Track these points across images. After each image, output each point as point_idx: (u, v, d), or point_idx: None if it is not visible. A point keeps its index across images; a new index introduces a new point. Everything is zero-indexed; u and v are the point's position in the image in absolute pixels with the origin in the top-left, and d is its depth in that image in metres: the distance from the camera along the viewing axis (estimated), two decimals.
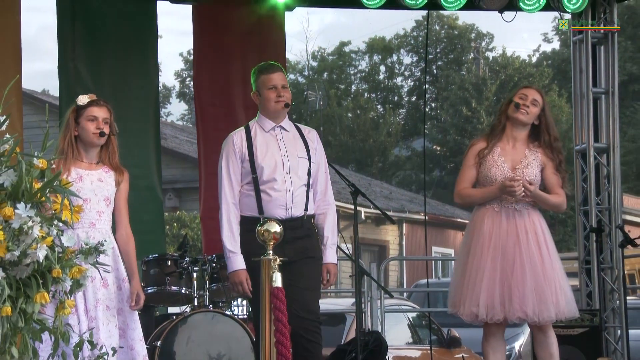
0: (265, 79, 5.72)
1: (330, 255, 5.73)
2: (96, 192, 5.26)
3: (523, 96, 5.71)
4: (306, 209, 5.66)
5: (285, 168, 5.62)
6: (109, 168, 5.36)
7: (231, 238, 5.53)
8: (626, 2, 8.73)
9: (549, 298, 5.52)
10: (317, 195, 5.74)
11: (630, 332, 8.38)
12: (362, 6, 8.28)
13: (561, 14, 8.75)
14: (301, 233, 5.64)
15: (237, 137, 5.72)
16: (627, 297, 8.65)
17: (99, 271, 4.62)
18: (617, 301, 8.42)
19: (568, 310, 5.61)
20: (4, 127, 3.57)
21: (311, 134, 5.83)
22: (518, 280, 5.51)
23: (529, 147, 5.73)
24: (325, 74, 37.19)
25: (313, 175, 5.72)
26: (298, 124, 5.88)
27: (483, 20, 37.70)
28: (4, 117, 3.58)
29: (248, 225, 5.47)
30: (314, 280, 5.68)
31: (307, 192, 5.68)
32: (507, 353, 11.26)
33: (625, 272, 8.60)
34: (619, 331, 8.38)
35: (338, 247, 5.94)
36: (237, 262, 5.50)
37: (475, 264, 5.59)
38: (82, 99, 5.28)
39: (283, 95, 5.66)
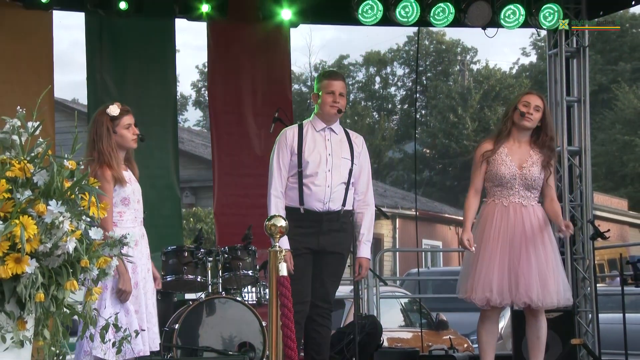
0: (326, 84, 5.68)
1: (364, 251, 5.72)
2: (139, 192, 5.27)
3: (526, 103, 5.67)
4: (344, 204, 5.64)
5: (328, 166, 5.60)
6: (133, 168, 5.34)
7: None
8: (596, 20, 8.70)
9: (551, 286, 5.50)
10: (358, 195, 5.72)
11: (600, 315, 8.40)
12: (359, 23, 8.28)
13: (538, 30, 8.75)
14: (337, 226, 5.63)
15: (290, 132, 5.70)
16: (597, 285, 8.66)
17: (123, 262, 4.62)
18: (588, 288, 8.42)
19: (566, 298, 5.60)
20: (37, 132, 3.57)
21: (358, 140, 5.81)
22: (524, 269, 5.49)
23: (532, 147, 5.69)
24: None
25: (355, 176, 5.69)
26: (348, 130, 5.86)
27: (468, 36, 37.69)
28: (38, 122, 3.57)
29: (289, 215, 5.40)
30: (336, 275, 5.73)
31: (347, 189, 5.65)
32: None
33: (595, 262, 8.59)
34: (590, 315, 8.38)
35: None
36: (283, 243, 5.49)
37: (487, 254, 5.55)
38: (114, 110, 5.18)
39: (338, 102, 5.64)
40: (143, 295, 5.16)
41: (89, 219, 3.55)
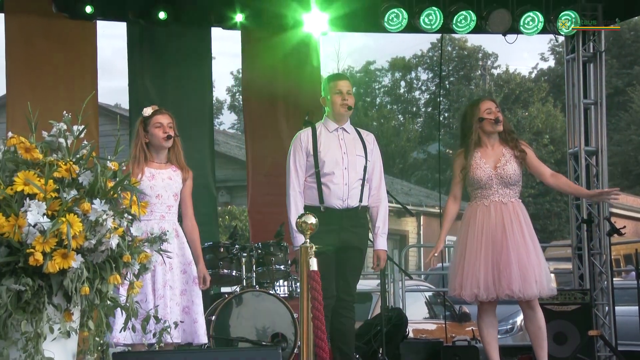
0: (333, 85, 5.69)
1: (380, 243, 5.72)
2: (167, 188, 5.27)
3: (489, 110, 5.64)
4: (360, 200, 5.63)
5: (344, 164, 5.59)
6: (177, 167, 5.36)
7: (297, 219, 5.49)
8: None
9: (531, 277, 5.46)
10: (372, 190, 5.72)
11: (616, 308, 8.33)
12: (385, 31, 8.26)
13: (556, 36, 8.69)
14: (356, 222, 5.62)
15: (304, 134, 5.69)
16: (614, 279, 8.59)
17: (162, 257, 4.64)
18: (605, 282, 8.35)
19: (549, 288, 5.55)
20: (82, 135, 3.59)
21: (369, 137, 5.81)
22: (505, 263, 5.47)
23: (503, 146, 5.68)
24: (354, 89, 36.98)
25: (369, 172, 5.68)
26: (358, 128, 5.85)
27: (489, 42, 37.46)
28: (83, 126, 3.59)
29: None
30: (357, 269, 5.72)
31: (362, 186, 5.65)
32: (509, 327, 11.25)
33: (612, 257, 8.51)
34: (607, 307, 8.32)
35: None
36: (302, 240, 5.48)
37: (472, 253, 5.56)
38: (147, 111, 5.30)
39: (347, 100, 5.64)
40: (156, 285, 5.13)
41: (130, 217, 3.57)
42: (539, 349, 5.58)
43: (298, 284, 6.07)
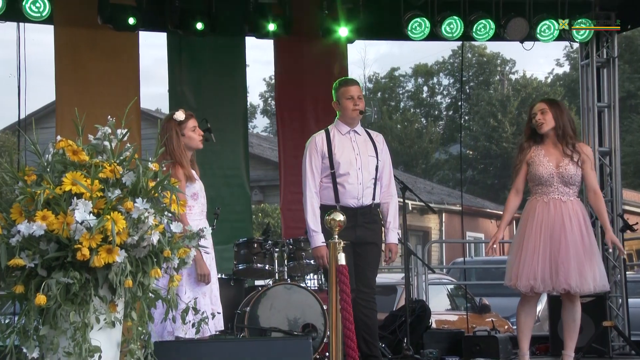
0: (344, 91, 5.65)
1: (392, 237, 5.69)
2: (202, 189, 5.28)
3: (533, 114, 5.64)
4: (374, 198, 5.61)
5: (358, 164, 5.58)
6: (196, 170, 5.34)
7: (314, 220, 5.46)
8: (625, 33, 8.57)
9: (588, 273, 5.41)
10: (383, 187, 5.69)
11: (629, 300, 8.27)
12: (408, 39, 8.24)
13: (571, 43, 8.61)
14: (370, 219, 5.60)
15: (319, 137, 5.67)
16: (626, 272, 8.52)
17: (200, 252, 4.65)
18: (619, 276, 8.28)
19: (602, 285, 5.49)
20: (125, 138, 3.61)
21: (378, 137, 5.79)
22: (563, 259, 5.41)
23: (565, 146, 5.58)
24: (379, 94, 37.02)
25: (379, 171, 5.66)
26: (367, 129, 5.83)
27: (507, 49, 37.33)
28: (126, 130, 3.61)
29: (325, 212, 5.39)
30: (374, 263, 5.68)
31: (375, 184, 5.63)
32: None
33: (625, 252, 8.44)
34: (620, 300, 8.25)
35: None
36: (319, 239, 5.46)
37: (530, 245, 5.49)
38: (180, 115, 5.17)
39: (358, 104, 5.62)
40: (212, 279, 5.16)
41: (170, 215, 3.58)
42: (568, 339, 5.56)
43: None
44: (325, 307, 6.36)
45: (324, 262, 5.39)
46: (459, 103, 34.58)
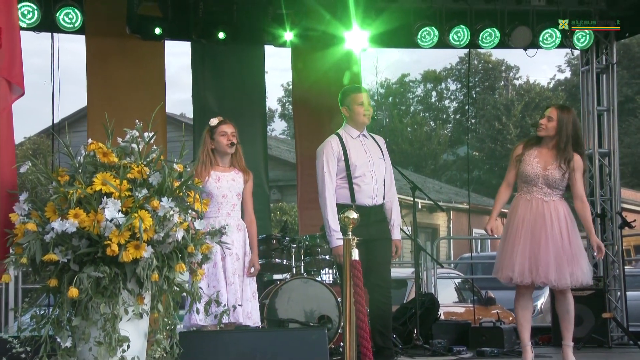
0: (355, 97, 5.67)
1: (397, 234, 5.70)
2: (231, 189, 5.30)
3: (541, 116, 5.61)
4: (383, 198, 5.63)
5: (371, 166, 5.59)
6: (239, 170, 5.38)
7: (334, 219, 5.44)
8: (622, 40, 8.53)
9: (566, 269, 5.38)
10: (385, 188, 5.70)
11: (627, 293, 8.24)
12: (418, 47, 8.23)
13: (572, 50, 8.58)
14: (380, 217, 5.61)
15: (334, 141, 5.66)
16: (625, 267, 8.48)
17: (222, 248, 4.65)
18: (617, 270, 8.25)
19: (583, 279, 5.44)
20: (152, 141, 3.62)
21: (381, 141, 5.81)
22: (543, 254, 5.39)
23: (558, 152, 5.55)
24: (390, 98, 36.96)
25: (386, 172, 5.68)
26: (371, 134, 5.84)
27: (511, 56, 37.13)
28: (152, 133, 3.62)
29: (342, 211, 5.37)
30: (387, 257, 5.68)
31: (384, 185, 5.64)
32: None
33: (623, 247, 8.40)
34: (619, 293, 8.22)
35: (401, 229, 5.90)
36: (337, 240, 5.47)
37: (511, 240, 5.49)
38: (213, 121, 5.32)
39: (369, 110, 5.62)
40: (227, 273, 5.14)
41: (194, 212, 3.58)
42: (565, 330, 5.52)
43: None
44: (340, 300, 6.35)
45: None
46: (466, 107, 34.48)
